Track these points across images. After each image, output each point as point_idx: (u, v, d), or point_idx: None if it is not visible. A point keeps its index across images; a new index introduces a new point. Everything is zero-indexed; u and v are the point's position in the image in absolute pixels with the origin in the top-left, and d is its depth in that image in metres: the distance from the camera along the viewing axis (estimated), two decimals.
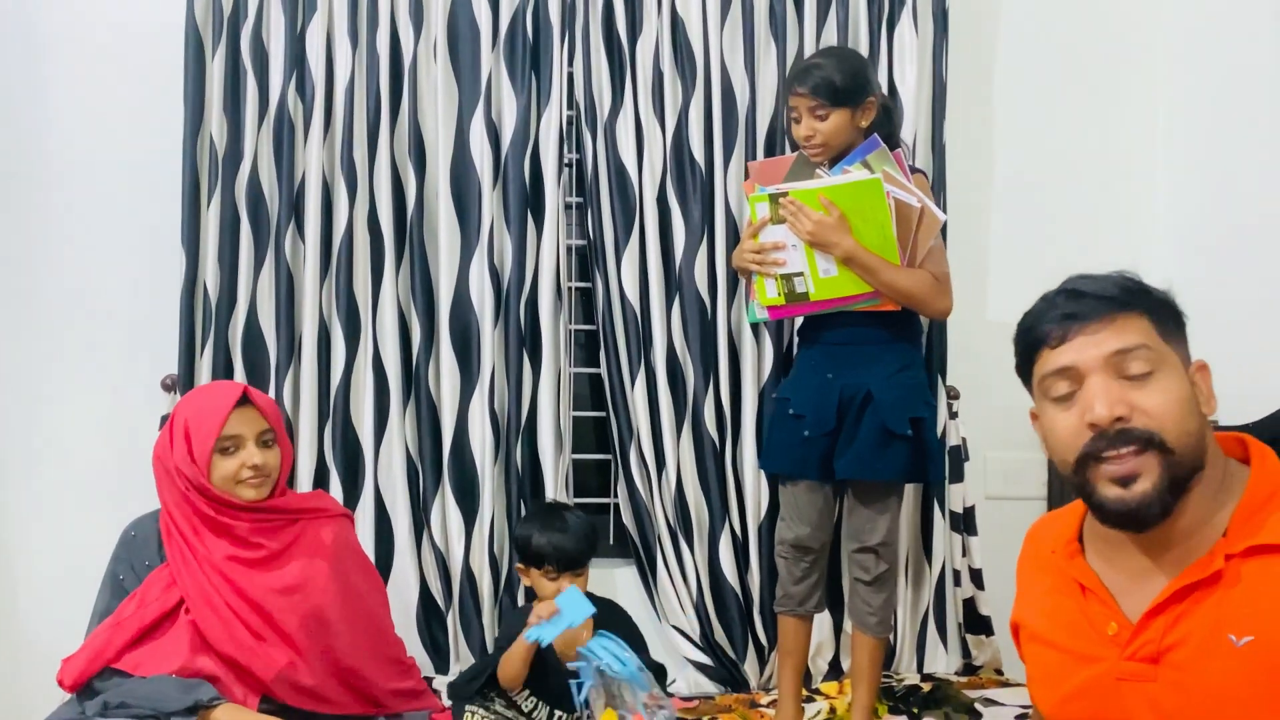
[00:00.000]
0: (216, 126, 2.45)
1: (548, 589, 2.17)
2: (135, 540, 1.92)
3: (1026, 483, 2.74)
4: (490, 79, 2.51)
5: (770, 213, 2.08)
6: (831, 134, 2.09)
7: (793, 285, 2.08)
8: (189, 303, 2.43)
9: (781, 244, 2.07)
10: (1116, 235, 2.77)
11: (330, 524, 1.98)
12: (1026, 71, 2.78)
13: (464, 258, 2.51)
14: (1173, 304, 1.19)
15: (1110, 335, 1.13)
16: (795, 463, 2.16)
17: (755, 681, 2.54)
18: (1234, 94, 2.56)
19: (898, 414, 2.07)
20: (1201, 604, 1.07)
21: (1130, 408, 1.10)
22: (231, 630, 1.82)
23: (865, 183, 2.00)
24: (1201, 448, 1.12)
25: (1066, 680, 1.18)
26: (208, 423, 1.82)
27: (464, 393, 2.51)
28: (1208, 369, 1.17)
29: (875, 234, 2.01)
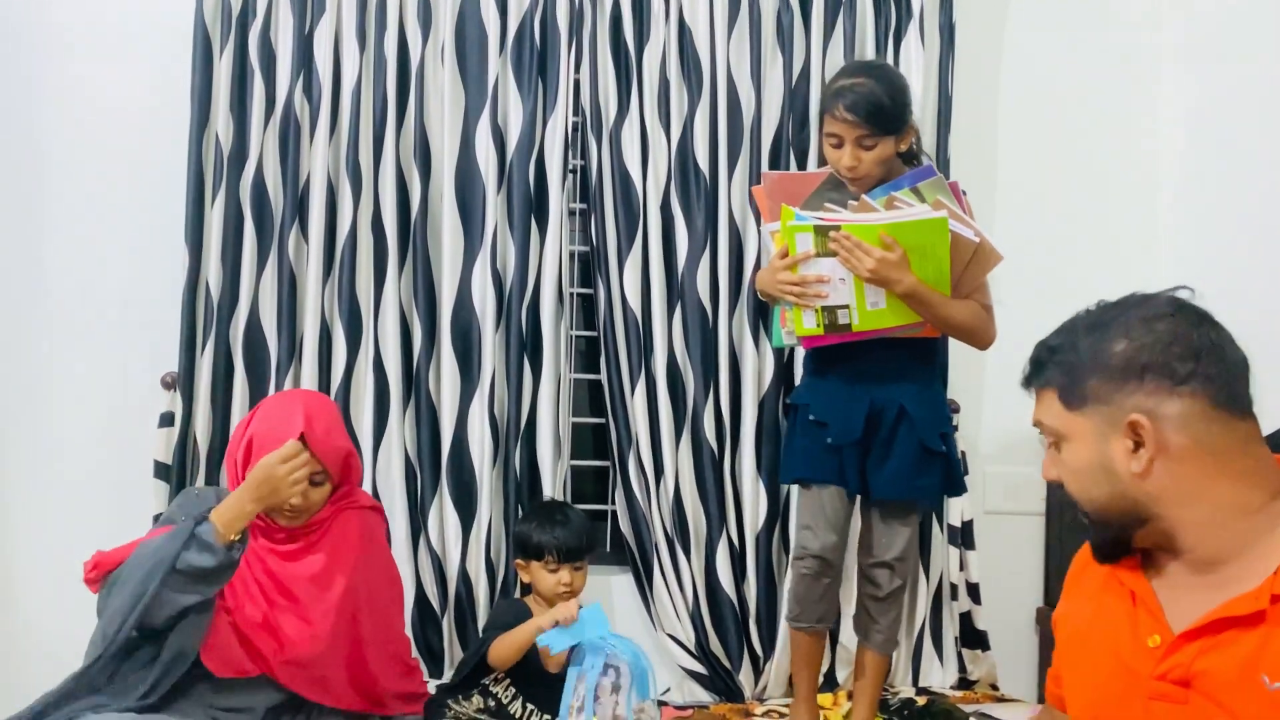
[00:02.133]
0: (223, 125, 2.45)
1: (547, 581, 2.18)
2: (196, 497, 1.99)
3: (1026, 498, 2.74)
4: (497, 83, 2.51)
5: (817, 246, 1.93)
6: (875, 164, 1.98)
7: (835, 317, 1.97)
8: (191, 301, 2.43)
9: (827, 278, 1.94)
10: (1122, 249, 2.77)
11: (358, 516, 2.03)
12: (1032, 86, 2.78)
13: (467, 261, 2.52)
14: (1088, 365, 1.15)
15: (1035, 408, 1.25)
16: (822, 468, 2.06)
17: (750, 691, 2.53)
18: (1239, 112, 2.56)
19: (932, 430, 2.03)
20: (1240, 640, 1.05)
21: (1057, 473, 1.22)
22: (255, 610, 1.87)
23: (931, 222, 1.90)
24: (1128, 505, 1.14)
25: (1102, 688, 1.18)
26: (268, 449, 1.87)
27: (464, 396, 2.51)
28: (1141, 425, 1.11)
29: (932, 268, 1.92)
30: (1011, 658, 2.69)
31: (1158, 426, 1.11)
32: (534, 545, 2.20)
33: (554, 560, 2.18)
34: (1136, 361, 1.13)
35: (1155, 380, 1.12)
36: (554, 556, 2.18)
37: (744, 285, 2.55)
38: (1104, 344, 1.15)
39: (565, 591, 2.20)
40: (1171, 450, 1.11)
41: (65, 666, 1.90)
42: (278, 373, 2.45)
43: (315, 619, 1.89)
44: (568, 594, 2.20)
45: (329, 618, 1.90)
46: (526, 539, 2.23)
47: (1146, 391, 1.12)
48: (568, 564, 2.19)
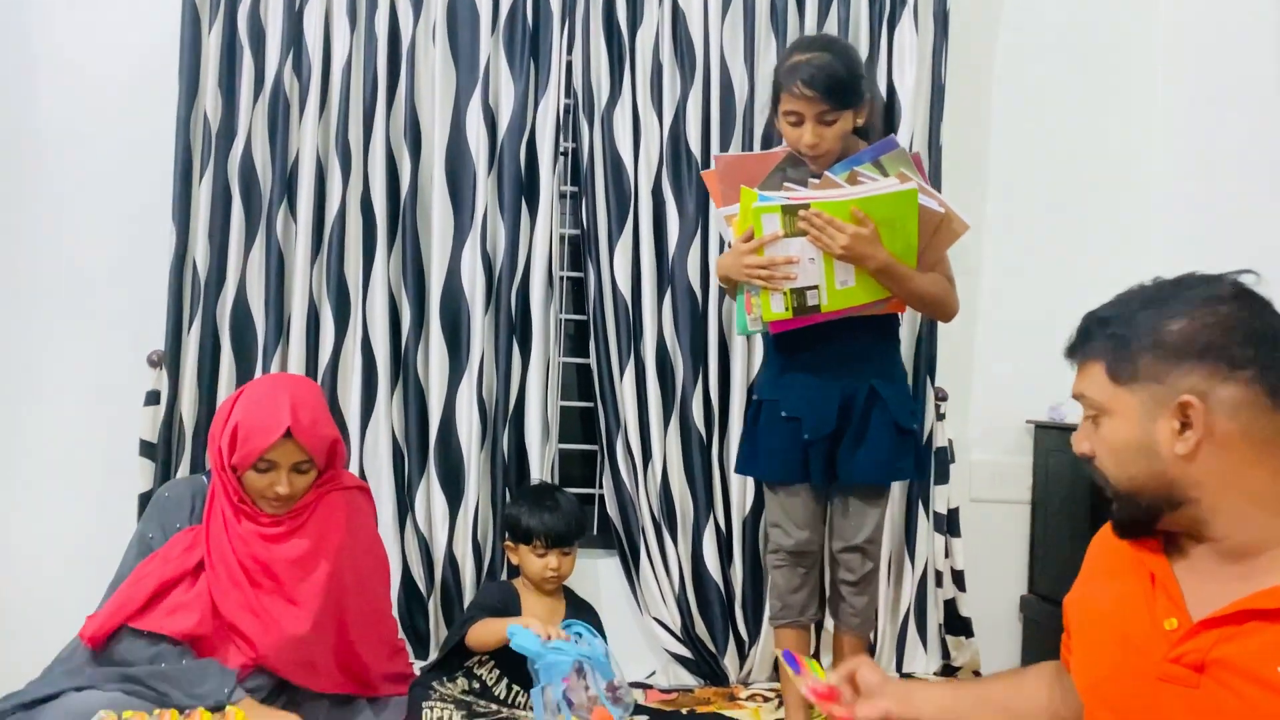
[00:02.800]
0: (211, 103, 2.43)
1: (535, 566, 2.18)
2: (169, 501, 1.97)
3: (1011, 486, 2.75)
4: (489, 64, 2.50)
5: (785, 226, 1.87)
6: (836, 140, 1.94)
7: (804, 299, 1.90)
8: (178, 279, 2.42)
9: (796, 258, 1.88)
10: (1112, 238, 2.78)
11: (344, 497, 2.02)
12: (1024, 75, 2.79)
13: (456, 243, 2.50)
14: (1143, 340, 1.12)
15: (1076, 380, 1.22)
16: (795, 469, 2.02)
17: (734, 675, 2.54)
18: (1231, 98, 2.57)
19: (904, 409, 2.02)
20: (1260, 632, 1.04)
21: (1091, 448, 1.20)
22: (239, 594, 1.87)
23: (901, 194, 1.85)
24: (1164, 487, 1.12)
25: (1111, 666, 1.17)
26: (252, 442, 1.86)
27: (452, 378, 2.50)
28: (1193, 406, 1.08)
29: (900, 241, 1.88)
30: (995, 645, 2.71)
31: (1208, 410, 1.08)
32: (523, 529, 2.20)
33: (542, 545, 2.19)
34: (1196, 342, 1.10)
35: (1212, 363, 1.09)
36: (542, 542, 2.19)
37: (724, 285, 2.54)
38: (1163, 320, 1.12)
39: (552, 576, 2.20)
40: (1218, 436, 1.09)
41: (49, 645, 1.90)
42: (265, 352, 2.44)
43: (302, 600, 1.89)
44: (555, 579, 2.21)
45: (315, 598, 1.90)
46: (516, 522, 2.23)
47: (1202, 373, 1.09)
48: (556, 549, 2.19)
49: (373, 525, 2.11)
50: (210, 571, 1.87)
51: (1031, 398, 2.73)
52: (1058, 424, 2.67)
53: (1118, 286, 3.13)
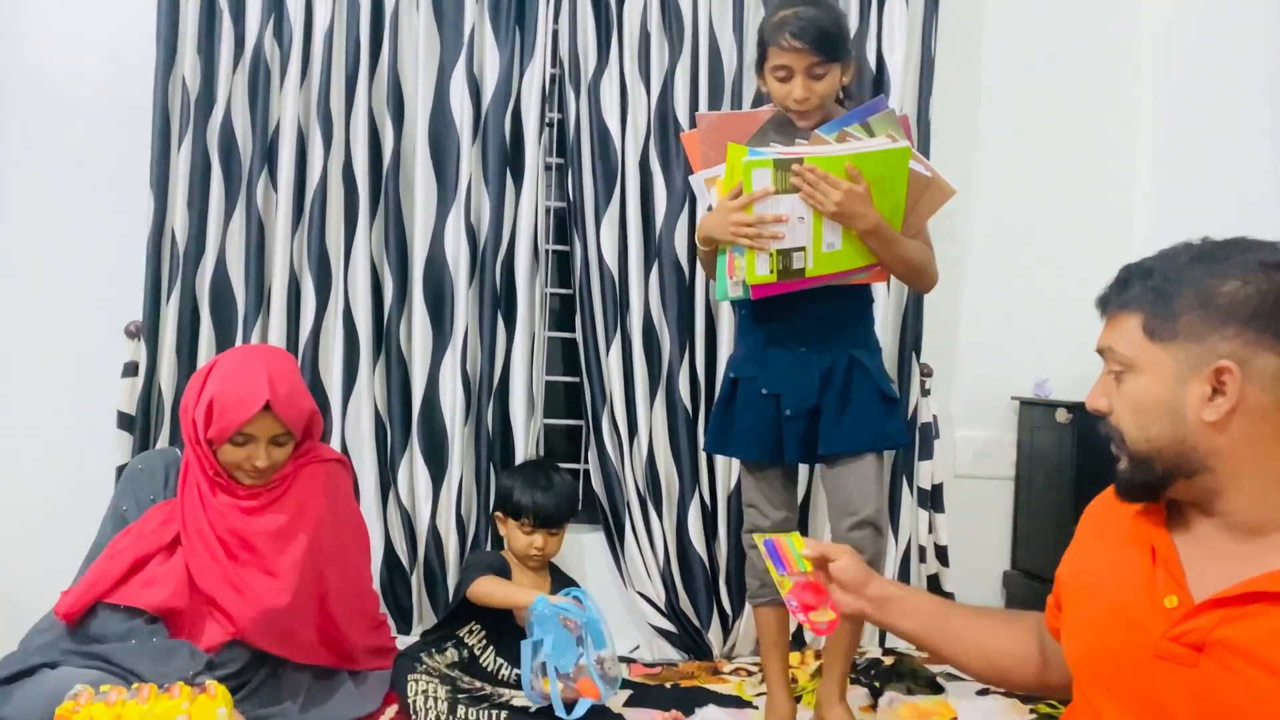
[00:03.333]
0: (189, 68, 2.38)
1: (520, 542, 2.18)
2: (141, 474, 1.95)
3: (995, 462, 2.76)
4: (473, 32, 2.45)
5: (776, 181, 1.82)
6: (827, 94, 1.90)
7: (789, 261, 1.85)
8: (156, 248, 2.38)
9: (785, 217, 1.82)
10: (1100, 215, 2.78)
11: (323, 470, 2.00)
12: (1014, 50, 2.77)
13: (440, 214, 2.47)
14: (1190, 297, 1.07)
15: (1105, 332, 1.16)
16: (771, 447, 1.98)
17: (718, 649, 2.55)
18: (1219, 71, 2.56)
19: (885, 378, 2.00)
20: (1266, 614, 1.02)
21: (1109, 403, 1.14)
22: (217, 567, 1.85)
23: (894, 152, 1.81)
24: (1184, 452, 1.08)
25: (1105, 638, 1.15)
26: (229, 416, 1.84)
27: (435, 352, 2.48)
28: (1231, 372, 1.04)
29: (889, 203, 1.84)
30: None
31: (1244, 378, 1.04)
32: (513, 504, 2.19)
33: (530, 524, 2.17)
34: (1246, 306, 1.05)
35: (1258, 331, 1.04)
36: (530, 520, 2.17)
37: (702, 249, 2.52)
38: (1214, 280, 1.06)
39: (536, 555, 2.19)
40: (1249, 406, 1.05)
41: (25, 619, 1.88)
42: (245, 323, 2.40)
43: (280, 571, 1.88)
44: (539, 558, 2.19)
45: (294, 570, 1.88)
46: (507, 496, 2.22)
47: (1245, 340, 1.04)
48: (543, 529, 2.18)
49: (352, 498, 2.10)
50: (186, 545, 1.85)
51: (1016, 374, 2.74)
52: (1042, 400, 2.68)
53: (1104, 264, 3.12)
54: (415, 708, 1.96)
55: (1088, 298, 3.04)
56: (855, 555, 1.37)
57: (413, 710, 1.96)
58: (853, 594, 1.34)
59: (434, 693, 1.97)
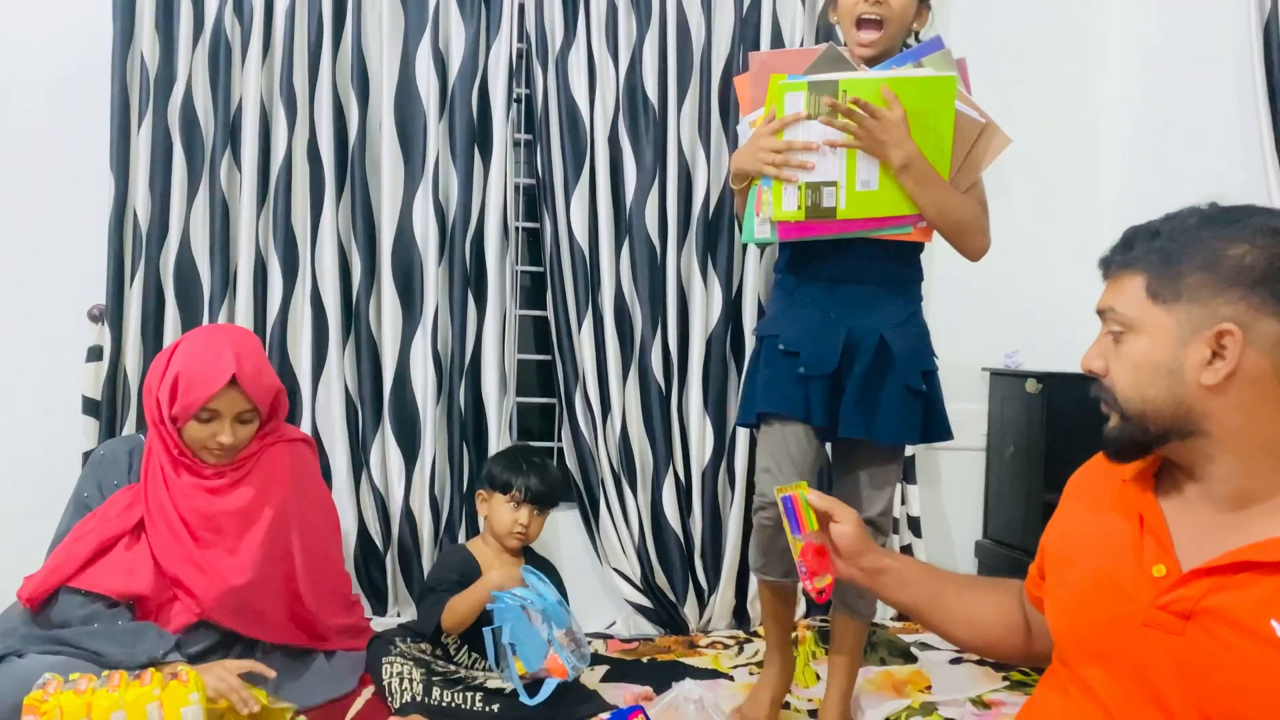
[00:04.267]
0: (148, 46, 2.33)
1: (505, 518, 2.15)
2: (104, 460, 1.93)
3: (966, 434, 2.76)
4: (438, 6, 2.42)
5: (808, 106, 1.69)
6: (900, 11, 1.75)
7: (819, 197, 1.71)
8: (118, 230, 2.34)
9: (814, 145, 1.70)
10: (1068, 188, 2.80)
11: (288, 449, 1.99)
12: (981, 26, 2.76)
13: (407, 192, 2.44)
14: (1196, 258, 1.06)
15: (1106, 291, 1.15)
16: (788, 401, 1.83)
17: (694, 624, 2.56)
18: (1184, 44, 2.57)
19: (914, 368, 1.82)
20: (1255, 584, 1.02)
21: (1106, 365, 1.14)
22: (181, 547, 1.83)
23: (938, 80, 1.67)
24: (1180, 414, 1.08)
25: (1091, 607, 1.15)
26: (195, 391, 1.82)
27: (406, 331, 2.46)
28: (1233, 336, 1.04)
29: (932, 145, 1.69)
30: None
31: (1246, 342, 1.04)
32: (502, 480, 2.17)
33: (519, 497, 2.15)
34: (1253, 270, 1.04)
35: (1263, 296, 1.04)
36: (521, 494, 2.15)
37: (693, 220, 2.51)
38: (1221, 242, 1.06)
39: (520, 532, 2.16)
40: (1248, 370, 1.05)
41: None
42: (210, 305, 2.37)
43: (243, 551, 1.87)
44: (521, 536, 2.17)
45: (257, 549, 1.87)
46: (496, 475, 2.19)
47: (1249, 304, 1.04)
48: (531, 505, 2.16)
49: (318, 477, 2.09)
50: (150, 527, 1.84)
51: (986, 345, 2.76)
52: (1012, 371, 2.70)
53: (1072, 237, 3.14)
54: (390, 689, 1.96)
55: (1055, 270, 3.06)
56: (857, 522, 1.36)
57: (388, 692, 1.96)
58: (847, 560, 1.34)
59: (409, 675, 1.97)
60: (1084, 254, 3.05)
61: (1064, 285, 2.74)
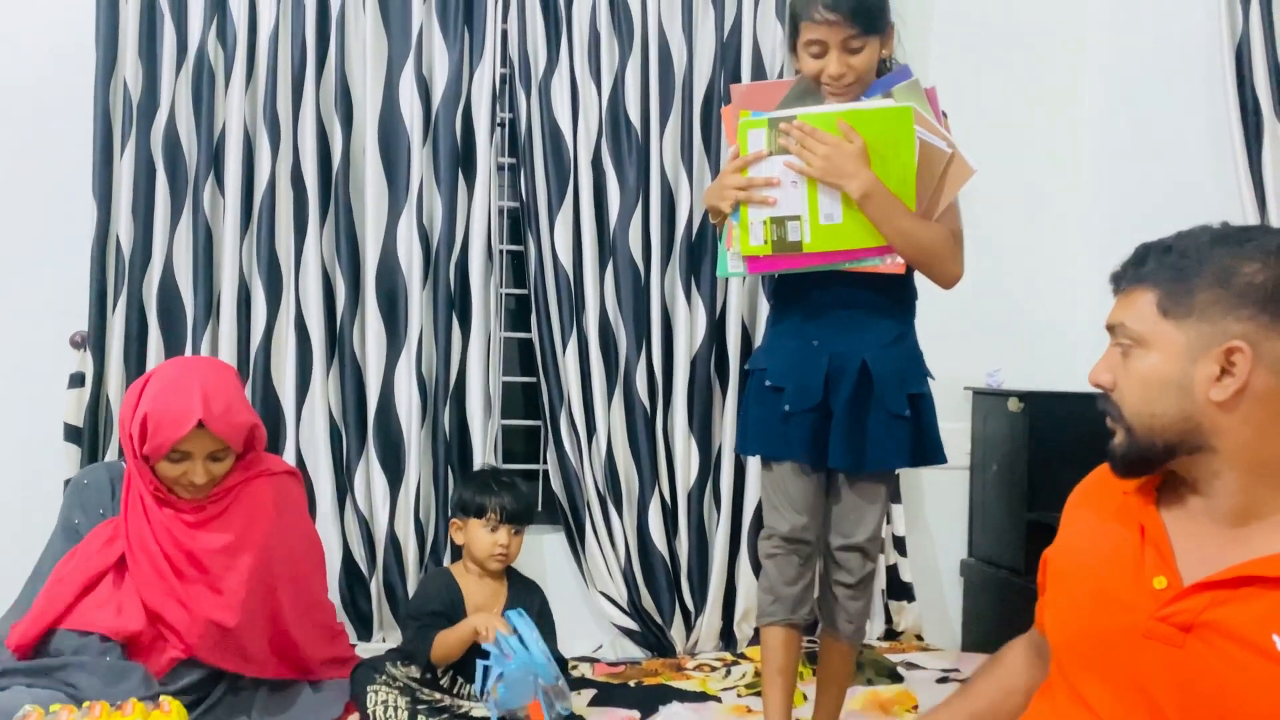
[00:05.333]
0: (131, 72, 2.33)
1: (484, 542, 2.14)
2: (88, 487, 1.91)
3: (950, 453, 2.71)
4: (421, 32, 2.43)
5: (769, 142, 1.71)
6: (866, 69, 1.74)
7: (784, 231, 1.72)
8: (100, 256, 2.33)
9: (776, 180, 1.71)
10: (1047, 208, 2.82)
11: (271, 483, 1.97)
12: (962, 54, 2.78)
13: (392, 216, 2.45)
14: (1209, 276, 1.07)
15: (1116, 306, 1.16)
16: (779, 442, 1.82)
17: (682, 646, 2.55)
18: (1161, 67, 2.60)
19: (897, 391, 1.78)
20: (1258, 598, 1.02)
21: (1114, 379, 1.15)
22: (163, 583, 1.81)
23: (894, 111, 1.67)
24: (1189, 430, 1.09)
25: (1091, 619, 1.15)
26: (162, 433, 1.81)
27: (390, 355, 2.45)
28: (1243, 353, 1.05)
29: (895, 177, 1.68)
30: (936, 608, 2.76)
31: (1255, 360, 1.05)
32: (475, 504, 2.16)
33: (495, 519, 2.15)
34: (1264, 289, 1.05)
35: (1273, 314, 1.05)
36: (496, 515, 2.14)
37: (676, 242, 2.52)
38: (1234, 260, 1.07)
39: (500, 554, 2.16)
40: (1256, 388, 1.06)
41: None
42: (194, 331, 2.36)
43: (227, 589, 1.84)
44: (502, 558, 2.16)
45: (242, 588, 1.84)
46: (468, 500, 2.18)
47: (1259, 323, 1.05)
48: (507, 525, 2.16)
49: (304, 510, 2.07)
50: (132, 563, 1.81)
51: (968, 364, 2.77)
52: (994, 390, 2.71)
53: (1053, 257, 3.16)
54: (375, 717, 1.94)
55: (1036, 289, 3.08)
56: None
57: None
58: None
59: (394, 703, 1.95)
60: (1064, 273, 3.09)
61: (1045, 304, 2.78)
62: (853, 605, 1.85)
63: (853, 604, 1.85)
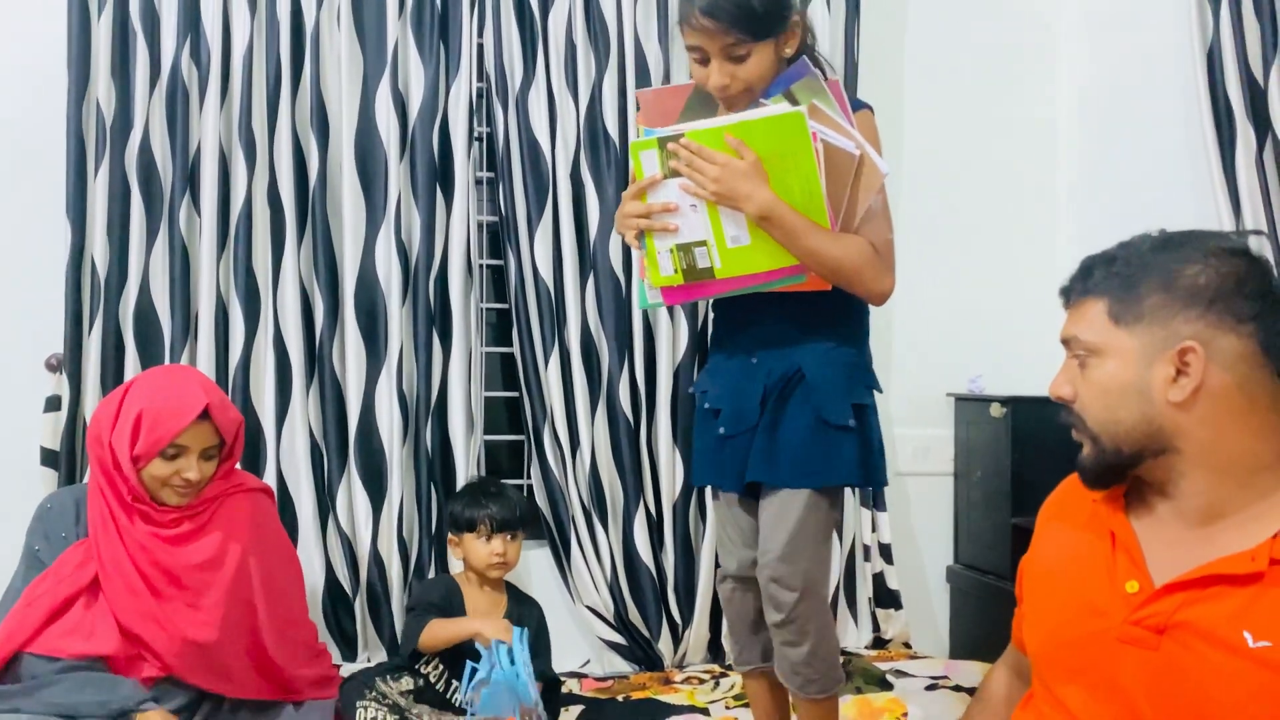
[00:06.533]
0: (104, 92, 2.32)
1: (480, 553, 2.15)
2: (51, 512, 1.87)
3: (935, 459, 2.80)
4: (397, 47, 2.43)
5: (661, 165, 1.58)
6: (756, 78, 1.58)
7: (693, 258, 1.59)
8: (75, 278, 2.30)
9: (674, 205, 1.57)
10: (1024, 213, 2.84)
11: (247, 499, 1.95)
12: (936, 54, 2.81)
13: (370, 233, 2.44)
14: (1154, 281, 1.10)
15: (1068, 319, 1.18)
16: (716, 473, 1.71)
17: (669, 659, 2.54)
18: (1134, 73, 2.63)
19: (836, 399, 1.61)
20: (1228, 596, 1.04)
21: (1074, 390, 1.16)
22: (139, 602, 1.78)
23: (784, 117, 1.51)
24: (1152, 433, 1.10)
25: (1067, 626, 1.17)
26: (164, 426, 1.78)
27: (370, 373, 2.44)
28: (1194, 353, 1.07)
29: (798, 189, 1.53)
30: (924, 615, 2.76)
31: (1208, 359, 1.08)
32: (465, 518, 2.17)
33: (488, 529, 2.15)
34: (1208, 289, 1.08)
35: (1220, 313, 1.08)
36: (487, 525, 2.15)
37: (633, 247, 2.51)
38: (1177, 264, 1.10)
39: (498, 562, 2.15)
40: (1212, 386, 1.08)
41: None
42: (171, 352, 2.34)
43: (206, 606, 1.81)
44: (501, 565, 2.16)
45: (220, 605, 1.83)
46: (458, 514, 2.19)
47: (1208, 322, 1.08)
48: (501, 533, 2.16)
49: (279, 526, 2.05)
50: (106, 582, 1.78)
51: (950, 371, 2.78)
52: (976, 396, 2.72)
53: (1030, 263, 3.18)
54: None
55: (1015, 295, 3.10)
56: None
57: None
58: None
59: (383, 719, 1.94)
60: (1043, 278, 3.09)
61: (1025, 310, 2.79)
62: (791, 651, 1.63)
63: (790, 649, 1.63)
